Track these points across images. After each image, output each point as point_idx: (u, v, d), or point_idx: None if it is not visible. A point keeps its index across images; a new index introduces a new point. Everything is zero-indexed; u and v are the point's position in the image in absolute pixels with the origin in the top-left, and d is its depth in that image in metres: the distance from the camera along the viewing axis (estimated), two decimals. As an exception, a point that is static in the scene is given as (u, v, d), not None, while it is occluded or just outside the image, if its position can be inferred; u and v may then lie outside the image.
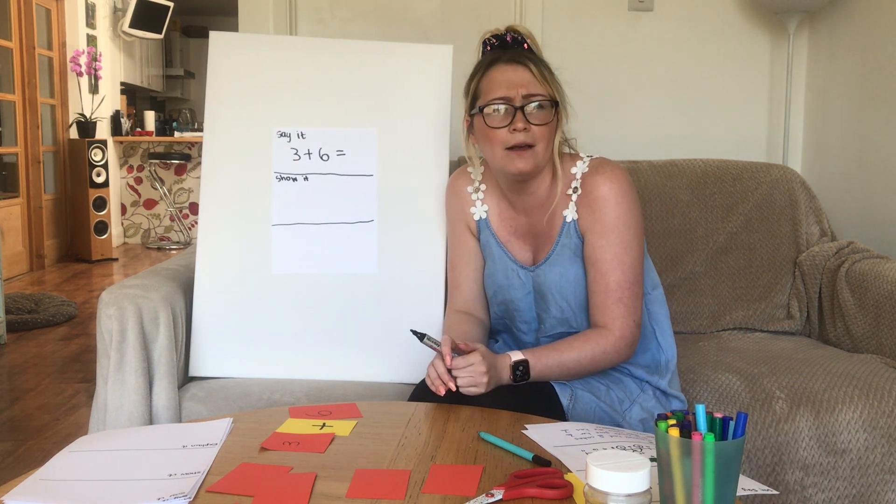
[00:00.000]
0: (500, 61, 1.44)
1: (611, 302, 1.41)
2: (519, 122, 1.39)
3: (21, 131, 6.00)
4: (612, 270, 1.41)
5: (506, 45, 1.47)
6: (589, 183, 1.45)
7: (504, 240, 1.54)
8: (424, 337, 1.32)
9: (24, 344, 3.91)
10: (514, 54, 1.45)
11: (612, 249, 1.42)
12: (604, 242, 1.42)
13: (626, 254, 1.42)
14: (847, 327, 1.96)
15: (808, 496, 1.59)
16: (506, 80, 1.42)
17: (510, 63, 1.43)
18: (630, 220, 1.43)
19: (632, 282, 1.42)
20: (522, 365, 1.36)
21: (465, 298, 1.59)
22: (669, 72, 2.69)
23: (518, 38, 1.47)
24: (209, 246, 1.73)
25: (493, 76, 1.44)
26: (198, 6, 9.07)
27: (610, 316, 1.41)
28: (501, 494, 0.93)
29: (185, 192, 7.55)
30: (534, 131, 1.40)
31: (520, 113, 1.39)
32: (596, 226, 1.43)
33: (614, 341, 1.40)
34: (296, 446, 1.11)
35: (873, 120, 2.32)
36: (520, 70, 1.42)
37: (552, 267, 1.47)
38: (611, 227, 1.42)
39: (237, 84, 1.78)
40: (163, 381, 1.59)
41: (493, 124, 1.41)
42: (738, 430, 0.80)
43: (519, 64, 1.43)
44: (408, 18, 2.68)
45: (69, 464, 1.06)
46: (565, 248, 1.46)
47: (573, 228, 1.46)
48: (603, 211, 1.42)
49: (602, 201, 1.42)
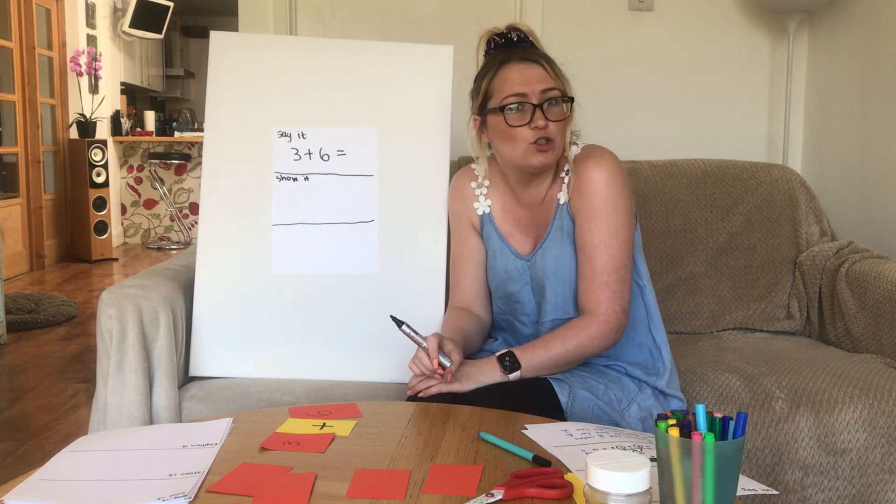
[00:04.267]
0: (512, 59, 1.46)
1: (597, 286, 1.42)
2: (539, 119, 1.41)
3: (21, 131, 6.00)
4: (598, 254, 1.42)
5: (512, 44, 1.48)
6: (579, 167, 1.46)
7: (506, 232, 1.56)
8: (403, 324, 1.33)
9: (24, 344, 3.91)
10: (525, 52, 1.46)
11: (599, 233, 1.43)
12: (591, 226, 1.43)
13: (614, 238, 1.42)
14: (847, 327, 1.96)
15: (807, 496, 1.59)
16: (521, 77, 1.43)
17: (522, 61, 1.45)
18: (619, 203, 1.44)
19: (618, 266, 1.42)
20: (509, 356, 1.37)
21: (466, 296, 1.60)
22: (669, 71, 2.69)
23: (522, 35, 1.49)
24: (209, 246, 1.73)
25: (506, 75, 1.45)
26: (198, 6, 9.07)
27: (595, 300, 1.42)
28: (501, 494, 0.93)
29: (185, 192, 7.55)
30: (551, 127, 1.42)
31: (539, 110, 1.41)
32: (584, 209, 1.44)
33: (598, 326, 1.41)
34: (296, 446, 1.11)
35: (873, 120, 2.32)
36: (533, 67, 1.44)
37: (548, 251, 1.49)
38: (598, 211, 1.43)
39: (237, 84, 1.78)
40: (163, 381, 1.60)
41: (514, 122, 1.43)
42: (738, 430, 0.80)
43: (531, 61, 1.45)
44: (408, 18, 2.68)
45: (69, 464, 1.06)
46: (559, 230, 1.48)
47: (566, 211, 1.48)
48: (591, 194, 1.44)
49: (590, 184, 1.44)
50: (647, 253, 2.15)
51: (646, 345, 1.52)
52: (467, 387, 1.35)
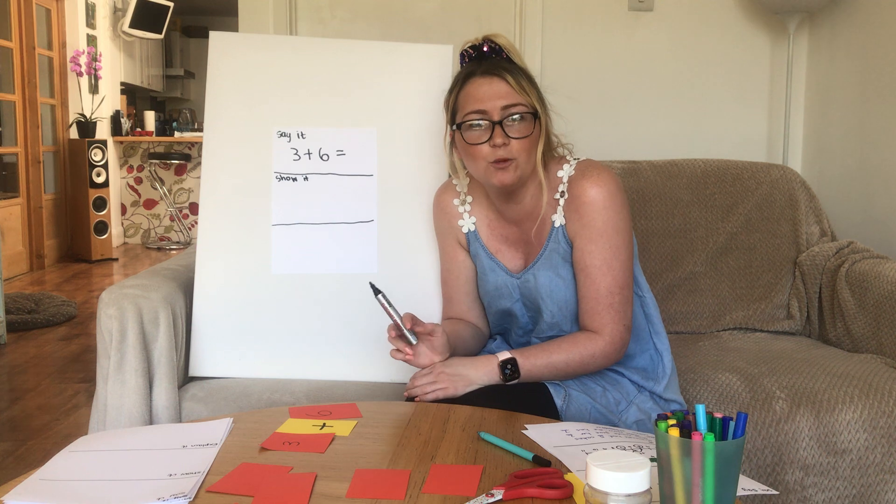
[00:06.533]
0: (476, 74, 1.41)
1: (601, 308, 1.40)
2: (498, 137, 1.36)
3: (21, 131, 6.00)
4: (602, 276, 1.40)
5: (483, 56, 1.43)
6: (576, 187, 1.42)
7: (494, 249, 1.53)
8: (379, 293, 1.34)
9: (24, 344, 3.91)
10: (489, 66, 1.40)
11: (601, 255, 1.40)
12: (593, 248, 1.40)
13: (616, 258, 1.40)
14: (847, 327, 1.96)
15: (808, 496, 1.59)
16: (482, 93, 1.38)
17: (485, 76, 1.39)
18: (619, 224, 1.41)
19: (622, 286, 1.41)
20: (511, 363, 1.36)
21: (459, 310, 1.59)
22: (669, 71, 2.69)
23: (496, 47, 1.42)
24: (209, 246, 1.73)
25: (468, 90, 1.40)
26: (198, 6, 9.07)
27: (600, 321, 1.40)
28: (501, 494, 0.93)
29: (185, 192, 7.55)
30: (513, 145, 1.37)
31: (498, 128, 1.36)
32: (584, 231, 1.41)
33: (604, 346, 1.40)
34: (296, 446, 1.11)
35: (873, 120, 2.32)
36: (495, 82, 1.38)
37: (541, 272, 1.46)
38: (599, 233, 1.40)
39: (237, 84, 1.78)
40: (163, 381, 1.60)
41: (473, 140, 1.38)
42: (738, 430, 0.80)
43: (494, 76, 1.39)
44: (408, 18, 2.68)
45: (69, 464, 1.06)
46: (554, 252, 1.45)
47: (561, 234, 1.44)
48: (591, 216, 1.40)
49: (590, 206, 1.40)
50: (648, 253, 2.15)
51: (647, 351, 1.51)
52: (461, 391, 1.35)
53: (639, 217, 2.17)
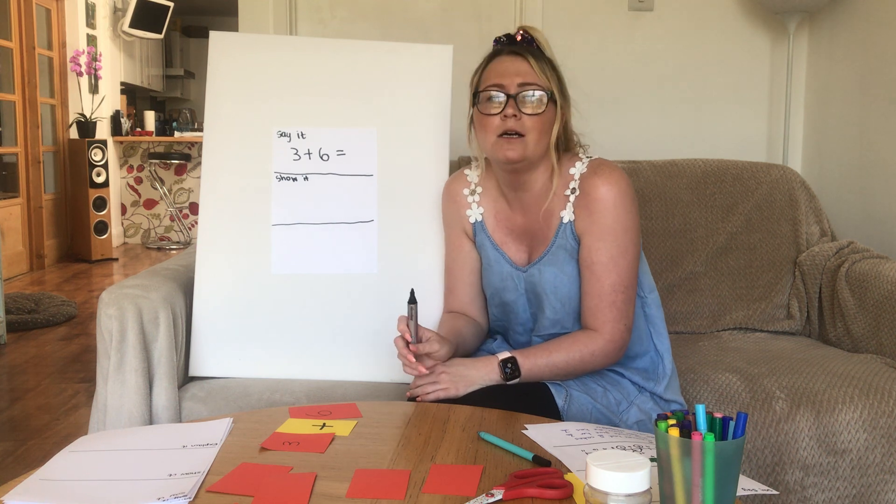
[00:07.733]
0: (502, 53, 1.46)
1: (604, 305, 1.41)
2: (510, 108, 1.40)
3: (21, 131, 6.00)
4: (607, 273, 1.41)
5: (514, 42, 1.48)
6: (587, 184, 1.44)
7: (500, 241, 1.54)
8: (415, 305, 1.34)
9: (24, 344, 3.91)
10: (515, 47, 1.46)
11: (608, 252, 1.41)
12: (600, 245, 1.41)
13: (623, 257, 1.41)
14: (847, 327, 1.96)
15: (808, 496, 1.59)
16: (503, 69, 1.43)
17: (510, 55, 1.45)
18: (628, 223, 1.42)
19: (626, 286, 1.42)
20: (511, 362, 1.37)
21: (461, 302, 1.59)
22: (669, 71, 2.69)
23: (528, 37, 1.47)
24: (209, 246, 1.73)
25: (492, 66, 1.45)
26: (198, 6, 9.07)
27: (601, 319, 1.41)
28: (501, 494, 0.93)
29: (185, 192, 7.55)
30: (525, 120, 1.40)
31: (512, 101, 1.40)
32: (593, 228, 1.42)
33: (603, 344, 1.40)
34: (296, 446, 1.11)
35: (873, 120, 2.32)
36: (518, 61, 1.43)
37: (546, 267, 1.46)
38: (608, 230, 1.41)
39: (237, 84, 1.78)
40: (163, 381, 1.59)
41: (486, 111, 1.42)
42: (738, 430, 0.80)
43: (518, 55, 1.44)
44: (408, 18, 2.68)
45: (69, 464, 1.06)
46: (560, 248, 1.46)
47: (569, 230, 1.45)
48: (600, 213, 1.42)
49: (600, 203, 1.42)
50: (648, 253, 2.15)
51: (648, 353, 1.51)
52: (462, 391, 1.35)
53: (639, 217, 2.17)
